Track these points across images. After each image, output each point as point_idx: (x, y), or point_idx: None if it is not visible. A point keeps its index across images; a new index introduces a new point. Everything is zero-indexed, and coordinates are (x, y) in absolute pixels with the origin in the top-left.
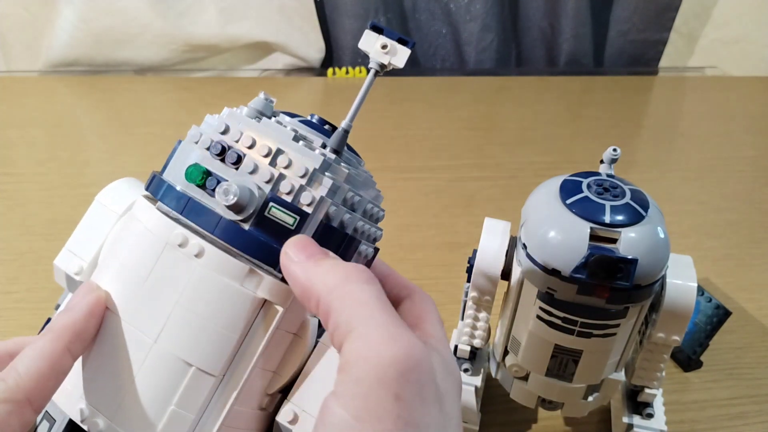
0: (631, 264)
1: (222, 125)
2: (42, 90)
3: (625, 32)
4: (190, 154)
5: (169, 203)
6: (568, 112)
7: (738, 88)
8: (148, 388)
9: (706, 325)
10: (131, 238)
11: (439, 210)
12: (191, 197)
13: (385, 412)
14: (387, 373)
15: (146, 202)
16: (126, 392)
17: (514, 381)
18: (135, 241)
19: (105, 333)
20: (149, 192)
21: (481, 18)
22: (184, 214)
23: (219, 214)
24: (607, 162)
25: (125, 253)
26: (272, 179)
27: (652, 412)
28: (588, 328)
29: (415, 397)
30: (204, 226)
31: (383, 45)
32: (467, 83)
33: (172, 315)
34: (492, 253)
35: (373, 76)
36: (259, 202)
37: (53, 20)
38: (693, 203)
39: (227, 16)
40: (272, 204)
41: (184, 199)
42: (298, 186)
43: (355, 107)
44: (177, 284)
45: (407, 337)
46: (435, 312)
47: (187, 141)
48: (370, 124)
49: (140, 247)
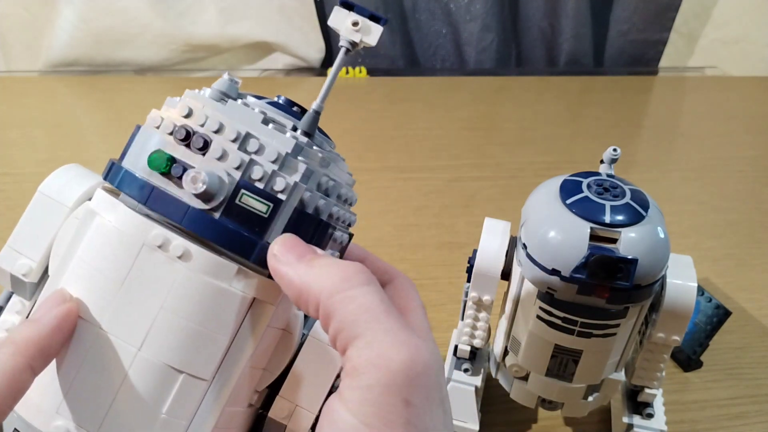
0: (631, 264)
1: (185, 108)
2: (42, 90)
3: (625, 32)
4: (150, 139)
5: (130, 192)
6: (568, 112)
7: (738, 88)
8: (135, 398)
9: (706, 325)
10: (98, 238)
11: (439, 210)
12: (155, 186)
13: (395, 418)
14: (397, 380)
15: (107, 195)
16: (110, 405)
17: (514, 381)
18: (104, 242)
19: (79, 343)
20: (108, 181)
21: (481, 18)
22: (148, 205)
23: (186, 203)
24: (607, 162)
25: (92, 255)
26: (242, 165)
27: (652, 412)
28: (588, 328)
29: (423, 401)
30: (171, 217)
31: (354, 22)
32: (467, 83)
33: (157, 321)
34: (492, 253)
35: (344, 55)
36: (229, 189)
37: (53, 20)
38: (693, 203)
39: (227, 16)
40: (244, 191)
41: (147, 187)
42: (271, 172)
43: (326, 88)
44: (159, 288)
45: (414, 342)
46: (417, 299)
47: (147, 125)
48: (370, 124)
49: (111, 248)
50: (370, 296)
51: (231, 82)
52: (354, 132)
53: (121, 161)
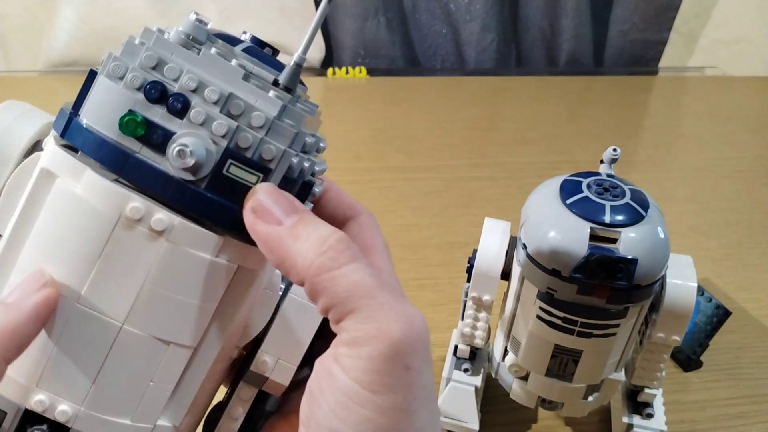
0: (631, 264)
1: (153, 58)
2: (42, 90)
3: (625, 32)
4: (116, 94)
5: (99, 158)
6: (568, 112)
7: (738, 88)
8: (122, 369)
9: (706, 325)
10: (63, 209)
11: (439, 210)
12: (131, 154)
13: (398, 383)
14: (399, 349)
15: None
16: (95, 378)
17: (514, 381)
18: (71, 215)
19: (56, 318)
20: (66, 139)
21: (481, 18)
22: (123, 175)
23: (169, 174)
24: (607, 162)
25: (59, 228)
26: (229, 132)
27: (652, 412)
28: (588, 328)
29: (421, 363)
30: (153, 189)
31: None
32: (467, 83)
33: (140, 295)
34: (492, 253)
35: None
36: (216, 159)
37: (53, 20)
38: (693, 203)
39: (227, 16)
40: (231, 161)
41: (121, 155)
42: (259, 139)
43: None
44: (140, 263)
45: (408, 311)
46: (381, 238)
47: (108, 75)
48: (370, 124)
49: (81, 222)
50: (360, 272)
51: (199, 25)
52: (354, 132)
53: (78, 113)
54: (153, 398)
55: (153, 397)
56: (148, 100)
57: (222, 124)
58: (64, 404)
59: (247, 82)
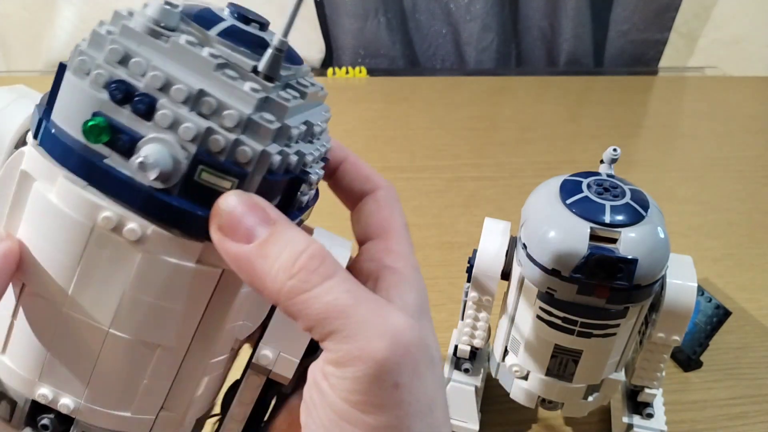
0: (631, 264)
1: (119, 52)
2: (42, 90)
3: (625, 32)
4: (81, 94)
5: (67, 165)
6: (568, 112)
7: (738, 88)
8: (114, 369)
9: (706, 325)
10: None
11: (439, 210)
12: (96, 163)
13: (388, 402)
14: (384, 368)
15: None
16: (90, 375)
17: (514, 381)
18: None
19: (44, 320)
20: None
21: (481, 18)
22: (91, 184)
23: (137, 182)
24: (607, 162)
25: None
26: (198, 136)
27: (652, 412)
28: (588, 328)
29: (412, 377)
30: (121, 198)
31: None
32: (467, 83)
33: (122, 301)
34: (492, 253)
35: None
36: (185, 165)
37: (53, 20)
38: (693, 203)
39: None
40: (202, 167)
41: (86, 164)
42: (233, 141)
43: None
44: (118, 272)
45: (394, 324)
46: (399, 216)
47: (74, 71)
48: (370, 124)
49: (56, 231)
50: (334, 292)
51: (169, 10)
52: (354, 132)
53: (49, 113)
54: (149, 394)
55: (149, 393)
56: (113, 102)
57: (190, 127)
58: (66, 398)
59: (221, 74)
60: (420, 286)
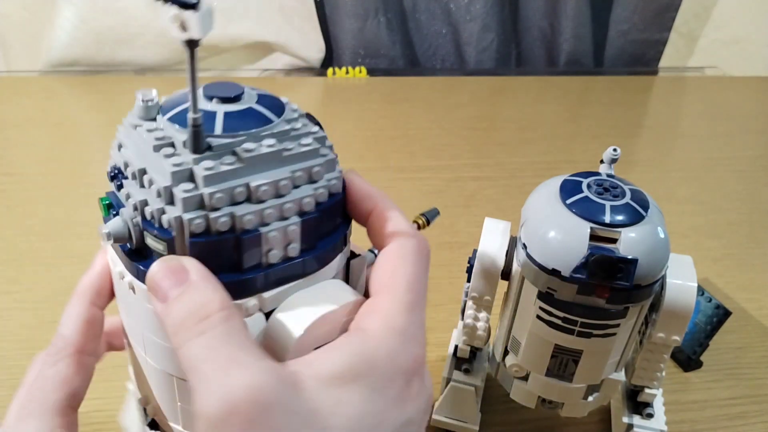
0: (631, 264)
1: (116, 143)
2: (42, 90)
3: (625, 32)
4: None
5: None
6: (568, 112)
7: (738, 88)
8: (156, 387)
9: (706, 325)
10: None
11: (439, 210)
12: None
13: None
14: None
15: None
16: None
17: (514, 381)
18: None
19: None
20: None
21: (481, 18)
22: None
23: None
24: (607, 162)
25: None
26: (139, 206)
27: (652, 412)
28: (588, 328)
29: None
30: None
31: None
32: (467, 83)
33: (144, 336)
34: (492, 253)
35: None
36: (137, 231)
37: (53, 20)
38: (693, 203)
39: (227, 16)
40: (145, 232)
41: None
42: (157, 209)
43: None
44: (133, 310)
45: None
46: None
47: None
48: (370, 124)
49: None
50: (196, 348)
51: (146, 105)
52: (354, 132)
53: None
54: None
55: (187, 413)
56: (110, 181)
57: (135, 197)
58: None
59: (159, 152)
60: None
